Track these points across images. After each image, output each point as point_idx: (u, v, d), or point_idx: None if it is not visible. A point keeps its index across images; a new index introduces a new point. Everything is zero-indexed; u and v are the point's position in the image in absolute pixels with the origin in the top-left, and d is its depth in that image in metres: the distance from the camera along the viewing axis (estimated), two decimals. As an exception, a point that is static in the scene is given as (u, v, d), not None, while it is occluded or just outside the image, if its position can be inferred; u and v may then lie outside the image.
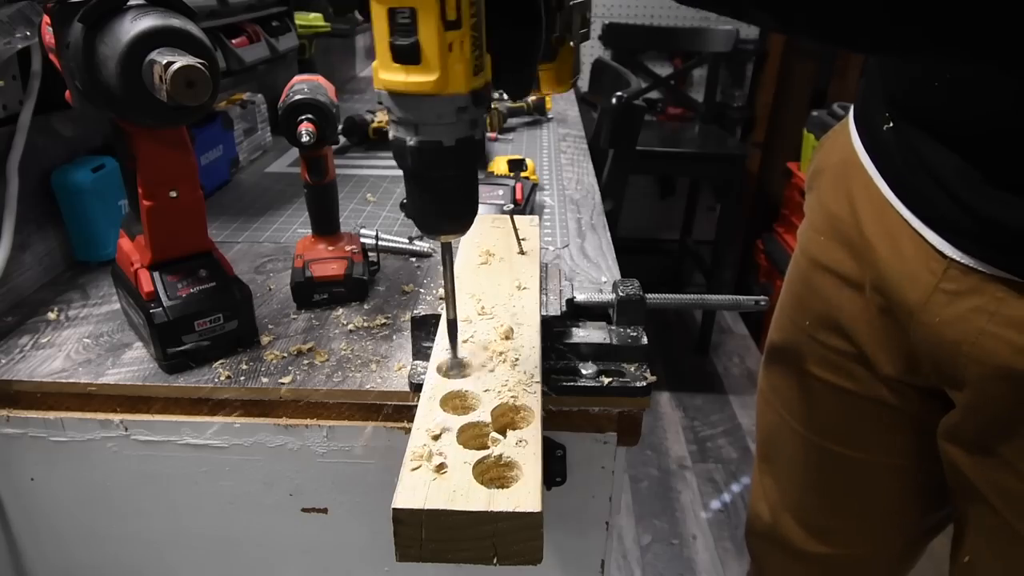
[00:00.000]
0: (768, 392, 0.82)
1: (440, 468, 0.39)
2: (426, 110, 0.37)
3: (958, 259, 0.53)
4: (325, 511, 0.61)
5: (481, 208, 0.87)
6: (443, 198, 0.41)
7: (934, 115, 0.54)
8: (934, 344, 0.57)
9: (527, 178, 0.99)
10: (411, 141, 0.38)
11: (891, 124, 0.59)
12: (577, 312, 0.60)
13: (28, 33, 0.64)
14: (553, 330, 0.56)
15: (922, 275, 0.56)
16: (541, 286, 0.61)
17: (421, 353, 0.56)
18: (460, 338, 0.51)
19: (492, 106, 1.40)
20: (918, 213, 0.56)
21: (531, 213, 0.94)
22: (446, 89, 0.36)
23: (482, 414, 0.44)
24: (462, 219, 0.42)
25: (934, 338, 0.56)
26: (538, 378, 0.47)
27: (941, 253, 0.54)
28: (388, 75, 0.36)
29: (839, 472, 0.74)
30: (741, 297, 0.61)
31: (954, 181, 0.52)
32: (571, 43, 0.49)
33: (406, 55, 0.35)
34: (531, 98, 1.51)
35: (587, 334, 0.57)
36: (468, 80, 0.36)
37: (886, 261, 0.59)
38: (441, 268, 0.75)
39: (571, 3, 0.48)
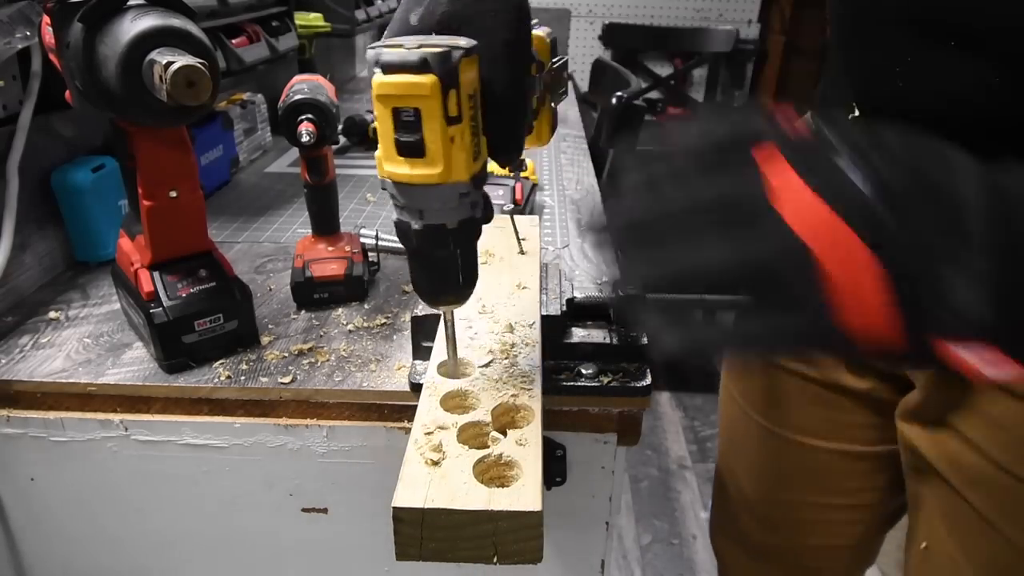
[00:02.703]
0: (730, 385, 0.83)
1: (440, 467, 0.39)
2: (431, 198, 0.39)
3: None
4: (325, 511, 0.61)
5: (481, 208, 0.87)
6: (445, 275, 0.43)
7: (898, 101, 0.53)
8: None
9: (527, 178, 0.99)
10: (416, 225, 0.40)
11: (856, 113, 0.58)
12: (577, 312, 0.60)
13: (28, 33, 0.64)
14: (553, 330, 0.56)
15: None
16: (541, 286, 0.61)
17: (421, 353, 0.56)
18: (461, 337, 0.51)
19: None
20: None
21: (531, 213, 0.94)
22: (449, 179, 0.38)
23: (482, 413, 0.44)
24: (463, 292, 0.45)
25: None
26: (538, 378, 0.47)
27: None
28: (393, 167, 0.38)
29: (799, 461, 0.75)
30: (741, 297, 0.61)
31: None
32: (552, 103, 0.52)
33: (411, 150, 0.37)
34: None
35: (587, 334, 0.57)
36: (468, 167, 0.39)
37: None
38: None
39: (553, 66, 0.50)
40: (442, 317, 0.47)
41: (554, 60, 0.51)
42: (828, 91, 0.65)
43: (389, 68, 0.36)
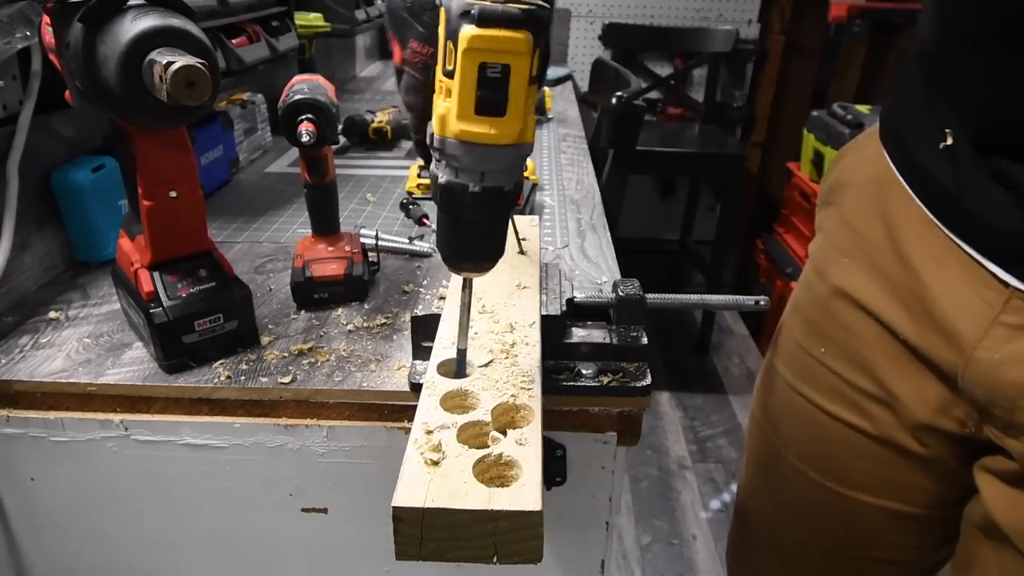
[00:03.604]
0: (763, 420, 0.75)
1: (440, 467, 0.39)
2: (500, 159, 0.38)
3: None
4: (325, 511, 0.61)
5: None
6: (491, 239, 0.42)
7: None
8: (989, 385, 0.51)
9: (527, 178, 0.99)
10: (475, 188, 0.39)
11: (949, 142, 0.52)
12: (577, 312, 0.60)
13: (28, 33, 0.64)
14: (553, 330, 0.56)
15: (975, 306, 0.51)
16: (541, 286, 0.61)
17: (421, 353, 0.56)
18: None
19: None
20: (971, 238, 0.51)
21: (531, 213, 0.94)
22: (524, 139, 0.38)
23: (482, 413, 0.44)
24: (494, 257, 0.44)
25: (990, 378, 0.51)
26: (538, 378, 0.47)
27: (1003, 282, 0.49)
28: (467, 126, 0.37)
29: (840, 512, 0.68)
30: (741, 297, 0.61)
31: None
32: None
33: (493, 108, 0.36)
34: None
35: (587, 334, 0.57)
36: (534, 129, 0.39)
37: (932, 291, 0.53)
38: (439, 272, 0.75)
39: None
40: (462, 288, 0.46)
41: None
42: (908, 112, 0.59)
43: (487, 21, 0.34)
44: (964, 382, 0.53)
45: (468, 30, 0.34)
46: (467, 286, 0.46)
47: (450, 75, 0.37)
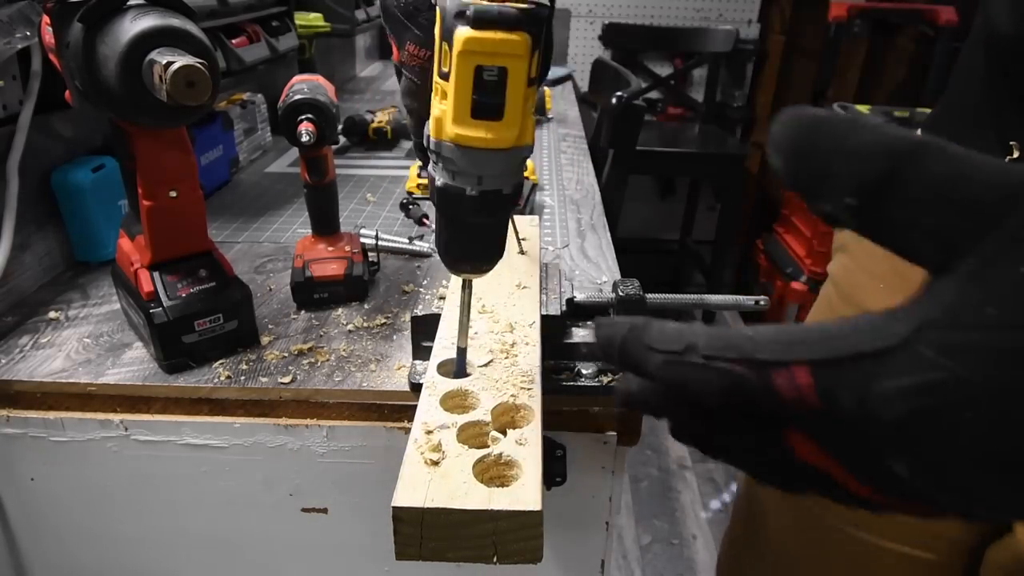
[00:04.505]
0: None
1: (440, 467, 0.39)
2: (497, 163, 0.37)
3: None
4: (325, 511, 0.60)
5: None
6: (484, 239, 0.42)
7: None
8: None
9: (527, 178, 0.99)
10: (472, 191, 0.38)
11: (1015, 155, 0.48)
12: (577, 312, 0.60)
13: (28, 33, 0.64)
14: (553, 330, 0.56)
15: None
16: (541, 286, 0.61)
17: (421, 353, 0.56)
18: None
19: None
20: None
21: (531, 213, 0.94)
22: (522, 142, 0.37)
23: (482, 413, 0.44)
24: (493, 259, 0.43)
25: None
26: (538, 377, 0.47)
27: None
28: (464, 130, 0.36)
29: (851, 556, 0.65)
30: (741, 297, 0.61)
31: None
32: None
33: (489, 112, 0.35)
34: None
35: (587, 334, 0.57)
36: (533, 131, 0.37)
37: None
38: (439, 272, 0.75)
39: None
40: (461, 288, 0.45)
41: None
42: (963, 125, 0.56)
43: (483, 22, 0.33)
44: None
45: (463, 32, 0.33)
46: (467, 286, 0.46)
47: (445, 77, 0.36)
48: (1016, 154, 0.48)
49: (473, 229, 0.41)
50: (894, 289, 0.58)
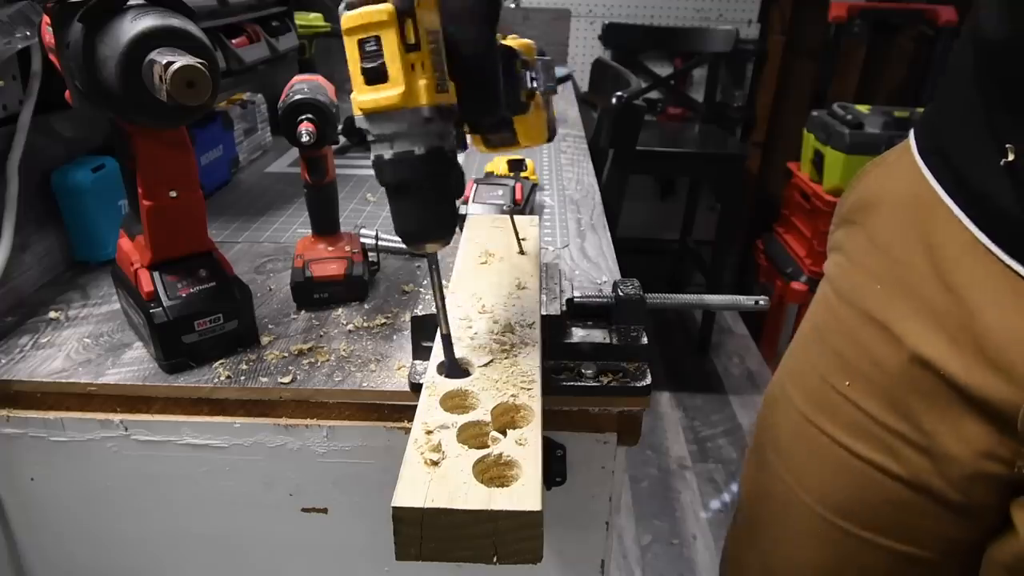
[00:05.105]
0: (770, 453, 0.70)
1: (440, 467, 0.39)
2: (397, 121, 0.42)
3: None
4: (325, 511, 0.61)
5: (481, 208, 0.87)
6: (422, 207, 0.45)
7: None
8: None
9: (527, 178, 0.99)
10: (388, 155, 0.43)
11: (1011, 157, 0.47)
12: (577, 312, 0.60)
13: (28, 33, 0.64)
14: (553, 330, 0.56)
15: None
16: (541, 286, 0.61)
17: (421, 353, 0.56)
18: (461, 337, 0.51)
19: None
20: None
21: (531, 213, 0.94)
22: (411, 102, 0.41)
23: (482, 413, 0.44)
24: (442, 227, 0.46)
25: None
26: (538, 378, 0.47)
27: None
28: (362, 97, 0.42)
29: (855, 557, 0.63)
30: (741, 297, 0.61)
31: None
32: (540, 95, 0.55)
33: (375, 75, 0.41)
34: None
35: (587, 334, 0.57)
36: (431, 95, 0.42)
37: (985, 322, 0.49)
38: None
39: (536, 61, 0.54)
40: (429, 269, 0.48)
41: (540, 57, 0.55)
42: (952, 126, 0.56)
43: (353, 5, 0.41)
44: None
45: (343, 17, 0.41)
46: (433, 264, 0.48)
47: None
48: (1012, 156, 0.47)
49: (404, 195, 0.45)
50: (891, 290, 0.57)
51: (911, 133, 0.61)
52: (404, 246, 0.83)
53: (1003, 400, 0.49)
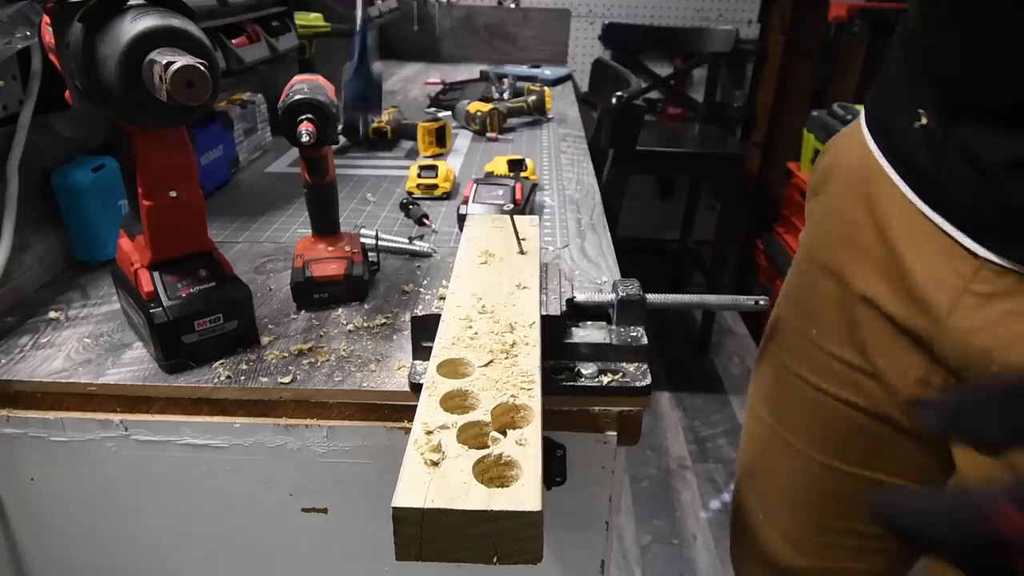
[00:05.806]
0: (759, 406, 0.79)
1: (440, 467, 0.39)
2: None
3: (991, 259, 0.51)
4: (325, 511, 0.61)
5: (481, 208, 0.87)
6: None
7: (998, 98, 0.50)
8: (962, 352, 0.54)
9: (527, 178, 0.99)
10: None
11: (923, 121, 0.55)
12: (577, 312, 0.60)
13: (28, 33, 0.64)
14: (553, 330, 0.56)
15: (949, 277, 0.54)
16: (541, 286, 0.61)
17: (421, 353, 0.56)
18: (461, 337, 0.51)
19: (492, 106, 1.41)
20: (945, 212, 0.54)
21: (531, 213, 0.94)
22: None
23: (482, 413, 0.44)
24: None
25: (962, 346, 0.54)
26: (538, 378, 0.47)
27: (972, 253, 0.52)
28: None
29: (836, 487, 0.71)
30: (741, 297, 0.61)
31: (1001, 174, 0.49)
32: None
33: None
34: (531, 98, 1.51)
35: (587, 334, 0.57)
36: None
37: (910, 265, 0.57)
38: (440, 272, 0.75)
39: None
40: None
41: None
42: (887, 97, 0.62)
43: None
44: (939, 350, 0.56)
45: None
46: None
47: None
48: (924, 121, 0.55)
49: None
50: (841, 243, 0.65)
51: (862, 109, 0.68)
52: (404, 246, 0.83)
53: (924, 331, 0.57)
